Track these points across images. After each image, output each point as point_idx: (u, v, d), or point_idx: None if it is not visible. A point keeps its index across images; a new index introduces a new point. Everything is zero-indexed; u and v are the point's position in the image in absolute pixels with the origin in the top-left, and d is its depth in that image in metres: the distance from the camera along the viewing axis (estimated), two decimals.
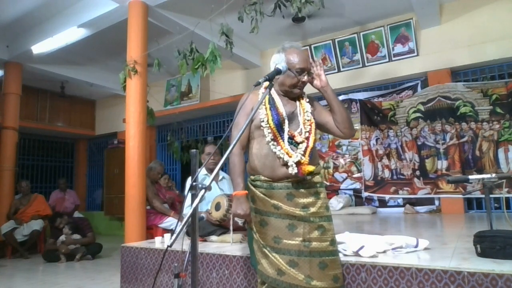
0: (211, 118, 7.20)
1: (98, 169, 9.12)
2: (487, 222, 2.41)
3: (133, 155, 4.01)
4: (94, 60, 6.70)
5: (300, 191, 1.79)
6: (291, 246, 1.71)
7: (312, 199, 1.78)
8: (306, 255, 1.69)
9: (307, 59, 1.89)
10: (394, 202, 5.46)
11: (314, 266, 1.68)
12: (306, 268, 1.68)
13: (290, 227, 1.74)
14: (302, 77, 1.84)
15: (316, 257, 1.69)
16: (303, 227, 1.72)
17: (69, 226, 5.16)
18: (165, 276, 2.69)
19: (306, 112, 1.89)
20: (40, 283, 3.89)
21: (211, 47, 3.68)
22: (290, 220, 1.75)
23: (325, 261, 1.69)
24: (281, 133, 1.81)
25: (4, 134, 6.04)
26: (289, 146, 1.79)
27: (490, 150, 4.71)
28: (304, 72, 1.85)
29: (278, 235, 1.75)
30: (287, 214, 1.75)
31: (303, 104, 1.92)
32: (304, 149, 1.80)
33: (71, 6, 4.89)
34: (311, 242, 1.71)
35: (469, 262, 1.84)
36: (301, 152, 1.78)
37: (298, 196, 1.78)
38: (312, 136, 1.85)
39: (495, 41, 4.68)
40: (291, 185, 1.79)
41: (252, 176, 1.88)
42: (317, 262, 1.68)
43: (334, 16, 5.19)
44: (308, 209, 1.75)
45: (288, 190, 1.79)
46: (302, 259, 1.69)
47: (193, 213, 1.35)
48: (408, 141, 5.25)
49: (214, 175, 1.40)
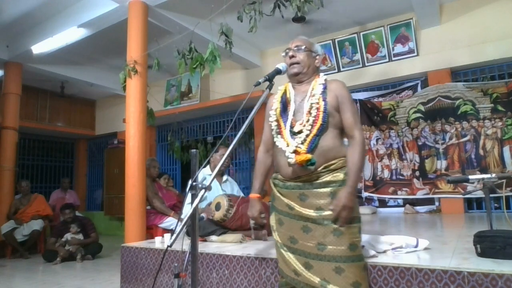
0: (211, 118, 7.20)
1: (98, 169, 9.12)
2: (487, 222, 2.41)
3: (133, 155, 4.01)
4: (94, 60, 6.69)
5: (313, 191, 1.65)
6: (307, 248, 1.63)
7: (326, 200, 1.62)
8: (321, 259, 1.60)
9: (294, 40, 1.87)
10: (394, 202, 5.46)
11: (329, 271, 1.57)
12: (321, 271, 1.59)
13: (305, 229, 1.64)
14: (288, 54, 1.81)
15: (331, 261, 1.58)
16: (318, 230, 1.61)
17: (76, 224, 5.14)
18: (165, 276, 2.69)
19: (313, 95, 1.72)
20: (40, 283, 3.89)
21: (211, 47, 3.68)
22: (304, 222, 1.65)
23: (341, 267, 1.56)
24: (286, 124, 1.72)
25: (4, 134, 6.04)
26: (291, 136, 1.68)
27: (494, 148, 4.66)
28: (289, 50, 1.82)
29: (294, 236, 1.68)
30: (300, 215, 1.66)
31: (315, 87, 1.75)
32: (305, 137, 1.65)
33: (71, 6, 4.88)
34: (326, 246, 1.59)
35: (469, 262, 1.84)
36: (300, 140, 1.65)
37: (312, 197, 1.65)
38: (319, 122, 1.65)
39: (495, 41, 4.68)
40: (303, 185, 1.67)
41: (274, 174, 1.84)
42: (333, 267, 1.57)
43: (334, 16, 5.19)
44: (322, 211, 1.62)
45: (300, 191, 1.67)
46: (317, 263, 1.60)
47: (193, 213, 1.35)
48: (409, 141, 5.25)
49: (214, 175, 1.40)
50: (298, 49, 1.81)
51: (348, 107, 1.71)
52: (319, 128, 1.65)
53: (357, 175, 1.63)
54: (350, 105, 1.72)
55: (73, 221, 5.21)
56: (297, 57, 1.79)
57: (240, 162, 6.99)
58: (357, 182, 1.63)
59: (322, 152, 1.65)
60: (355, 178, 1.61)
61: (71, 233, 5.08)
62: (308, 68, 1.80)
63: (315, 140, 1.65)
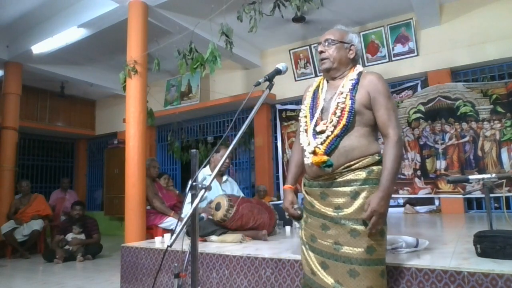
0: (211, 118, 7.20)
1: (98, 169, 9.12)
2: (487, 222, 2.42)
3: (133, 155, 4.01)
4: (94, 60, 6.70)
5: (333, 189, 1.59)
6: (324, 247, 1.59)
7: (346, 199, 1.56)
8: (336, 259, 1.54)
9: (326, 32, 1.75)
10: (394, 202, 5.45)
11: (344, 273, 1.51)
12: (335, 272, 1.53)
13: (323, 227, 1.60)
14: (320, 48, 1.71)
15: (346, 263, 1.51)
16: (336, 229, 1.56)
17: (79, 225, 5.14)
18: (165, 276, 2.69)
19: (341, 93, 1.63)
20: (40, 283, 3.88)
21: (211, 47, 3.68)
22: (324, 220, 1.60)
23: (356, 270, 1.48)
24: (312, 121, 1.67)
25: (4, 134, 6.04)
26: (313, 135, 1.63)
27: (492, 150, 4.69)
28: (320, 44, 1.72)
29: (314, 234, 1.64)
30: (320, 213, 1.62)
31: (345, 83, 1.66)
32: (325, 138, 1.59)
33: (71, 6, 4.89)
34: (342, 246, 1.53)
35: (469, 262, 1.83)
36: (320, 141, 1.60)
37: (332, 195, 1.59)
38: (343, 122, 1.58)
39: (495, 41, 4.68)
40: (324, 184, 1.62)
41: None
42: (347, 269, 1.50)
43: (334, 16, 5.19)
44: (341, 210, 1.56)
45: (321, 189, 1.63)
46: (333, 263, 1.55)
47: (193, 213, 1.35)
48: (411, 141, 5.25)
49: (214, 175, 1.40)
50: (328, 43, 1.70)
51: (381, 103, 1.59)
52: (342, 129, 1.58)
53: (390, 179, 1.50)
54: (385, 100, 1.60)
55: (80, 219, 5.22)
56: (326, 52, 1.69)
57: (240, 162, 6.99)
58: (390, 186, 1.50)
59: (343, 152, 1.58)
60: (387, 182, 1.49)
61: (73, 233, 5.08)
62: (339, 63, 1.69)
63: (335, 142, 1.58)
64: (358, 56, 1.75)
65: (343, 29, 1.76)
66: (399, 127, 1.60)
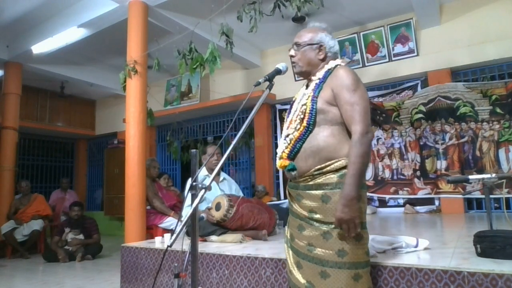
0: (211, 118, 7.20)
1: (98, 169, 9.12)
2: (487, 222, 2.42)
3: (133, 155, 4.01)
4: (94, 60, 6.70)
5: (307, 192, 1.58)
6: (300, 247, 1.60)
7: (318, 203, 1.54)
8: (310, 260, 1.54)
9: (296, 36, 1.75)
10: (394, 202, 5.46)
11: (315, 274, 1.51)
12: (308, 273, 1.54)
13: (300, 228, 1.61)
14: (290, 53, 1.72)
15: (318, 264, 1.51)
16: (310, 231, 1.56)
17: (75, 226, 5.14)
18: (165, 276, 2.69)
19: (305, 95, 1.63)
20: (40, 283, 3.89)
21: (211, 47, 3.68)
22: (300, 220, 1.61)
23: (327, 272, 1.48)
24: (284, 126, 1.70)
25: (4, 134, 6.04)
26: (284, 139, 1.65)
27: (490, 150, 4.72)
28: (292, 47, 1.72)
29: (292, 233, 1.67)
30: (297, 214, 1.63)
31: (310, 85, 1.66)
32: (289, 141, 1.60)
33: (71, 6, 4.89)
34: (315, 248, 1.53)
35: (469, 262, 1.83)
36: (285, 145, 1.62)
37: (306, 198, 1.58)
38: (303, 124, 1.57)
39: (495, 41, 4.68)
40: (299, 186, 1.62)
41: None
42: (319, 271, 1.50)
43: (334, 16, 5.19)
44: (314, 213, 1.55)
45: (297, 191, 1.63)
46: (306, 263, 1.56)
47: (193, 213, 1.35)
48: (412, 141, 5.25)
49: (214, 175, 1.40)
50: (297, 47, 1.71)
51: (344, 99, 1.51)
52: (303, 131, 1.56)
53: (351, 183, 1.41)
54: (348, 94, 1.50)
55: (79, 220, 5.22)
56: (295, 57, 1.70)
57: (240, 162, 6.99)
58: (352, 191, 1.41)
59: (310, 153, 1.55)
60: (348, 187, 1.41)
61: (72, 234, 5.08)
62: (308, 65, 1.68)
63: (297, 145, 1.57)
64: (332, 53, 1.72)
65: (314, 28, 1.74)
66: (364, 121, 1.48)
